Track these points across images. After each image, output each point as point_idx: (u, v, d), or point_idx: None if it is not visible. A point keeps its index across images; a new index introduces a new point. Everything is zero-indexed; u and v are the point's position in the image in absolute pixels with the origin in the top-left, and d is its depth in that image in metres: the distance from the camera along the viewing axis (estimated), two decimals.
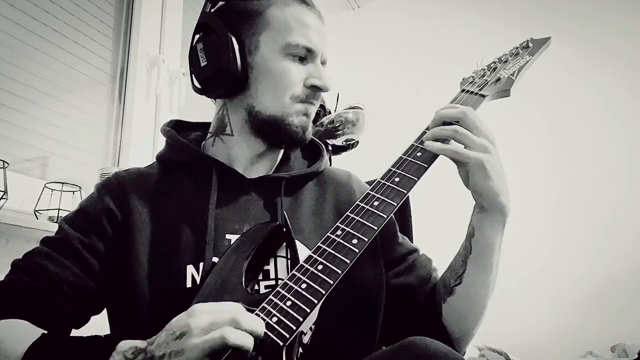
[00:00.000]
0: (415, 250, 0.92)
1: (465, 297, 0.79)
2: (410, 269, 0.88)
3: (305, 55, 0.83)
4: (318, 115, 1.78)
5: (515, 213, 0.79)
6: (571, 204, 2.14)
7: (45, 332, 0.66)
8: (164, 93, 1.96)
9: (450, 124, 0.76)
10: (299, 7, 0.83)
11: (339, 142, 1.80)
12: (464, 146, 0.73)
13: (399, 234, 0.93)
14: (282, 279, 0.72)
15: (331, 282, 0.64)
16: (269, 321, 0.61)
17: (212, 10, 0.85)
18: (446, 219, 1.87)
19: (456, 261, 0.81)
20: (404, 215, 1.25)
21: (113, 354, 0.59)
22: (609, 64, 2.21)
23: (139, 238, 0.77)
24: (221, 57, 0.81)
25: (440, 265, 0.90)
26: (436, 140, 0.74)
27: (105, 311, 0.82)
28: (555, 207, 2.16)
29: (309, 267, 0.66)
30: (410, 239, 1.19)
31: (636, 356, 1.61)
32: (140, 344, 0.59)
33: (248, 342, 0.55)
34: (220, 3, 0.85)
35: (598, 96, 2.20)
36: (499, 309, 1.01)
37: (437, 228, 1.91)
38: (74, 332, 0.76)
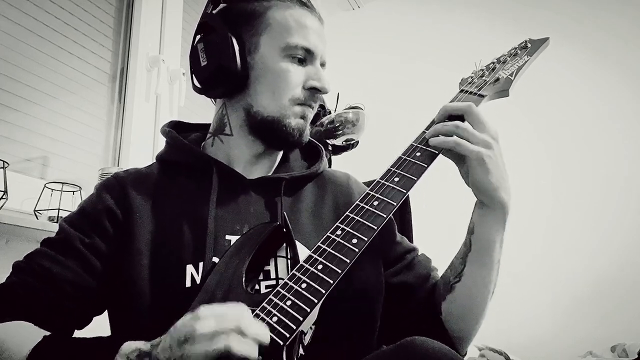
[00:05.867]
0: (414, 250, 0.92)
1: (465, 295, 0.79)
2: (408, 268, 0.88)
3: (304, 57, 0.83)
4: (318, 115, 1.78)
5: (516, 212, 0.79)
6: (571, 202, 2.14)
7: (48, 333, 0.66)
8: (164, 93, 1.96)
9: (454, 120, 0.76)
10: (299, 10, 0.84)
11: (339, 142, 1.79)
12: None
13: (397, 233, 0.93)
14: (283, 279, 0.72)
15: (331, 281, 0.64)
16: (269, 321, 0.61)
17: (214, 11, 0.86)
18: (446, 219, 1.87)
19: (456, 259, 0.81)
20: (404, 216, 1.25)
21: (117, 357, 0.59)
22: (606, 64, 2.21)
23: (139, 237, 0.78)
24: (221, 55, 0.81)
25: (440, 266, 0.90)
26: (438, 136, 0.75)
27: (106, 312, 0.82)
28: (555, 206, 2.16)
29: (309, 266, 0.66)
30: (410, 239, 1.20)
31: (636, 356, 1.61)
32: (144, 346, 0.58)
33: (253, 353, 0.54)
34: (222, 5, 0.85)
35: (595, 93, 2.21)
36: (500, 309, 1.01)
37: (437, 228, 1.91)
38: (76, 334, 0.76)
